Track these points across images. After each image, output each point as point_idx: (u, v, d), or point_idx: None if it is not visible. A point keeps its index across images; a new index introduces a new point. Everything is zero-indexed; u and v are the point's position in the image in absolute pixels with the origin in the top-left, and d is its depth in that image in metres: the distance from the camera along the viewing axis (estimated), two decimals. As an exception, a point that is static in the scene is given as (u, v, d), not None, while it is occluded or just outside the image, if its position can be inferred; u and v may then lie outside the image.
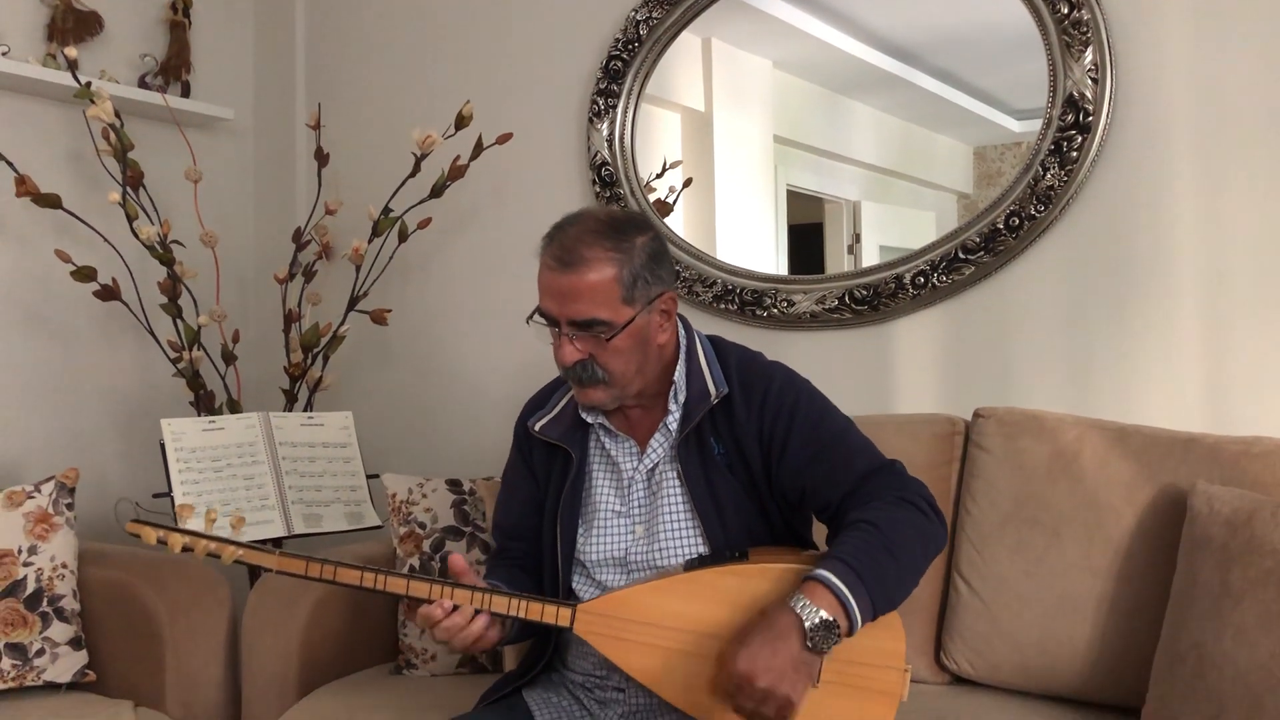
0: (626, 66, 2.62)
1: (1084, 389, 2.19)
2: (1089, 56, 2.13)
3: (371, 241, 2.76)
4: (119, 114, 2.57)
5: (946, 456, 2.08)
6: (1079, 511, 1.89)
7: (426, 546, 2.22)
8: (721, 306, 2.52)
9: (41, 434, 2.73)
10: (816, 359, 2.31)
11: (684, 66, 2.63)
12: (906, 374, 2.38)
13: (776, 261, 2.59)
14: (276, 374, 2.94)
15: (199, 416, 2.67)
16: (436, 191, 2.70)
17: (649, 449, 1.68)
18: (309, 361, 2.80)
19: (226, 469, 2.38)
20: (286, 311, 2.84)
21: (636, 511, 1.68)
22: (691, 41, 2.61)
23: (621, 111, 2.64)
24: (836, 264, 2.53)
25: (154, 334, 2.71)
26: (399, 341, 3.00)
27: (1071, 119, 2.14)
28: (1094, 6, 2.13)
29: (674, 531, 1.64)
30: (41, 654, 2.13)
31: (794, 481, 1.62)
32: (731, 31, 2.58)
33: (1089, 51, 2.13)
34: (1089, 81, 2.13)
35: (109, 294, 2.61)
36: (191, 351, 2.70)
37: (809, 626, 1.40)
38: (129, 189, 2.60)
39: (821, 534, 1.72)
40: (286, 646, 2.17)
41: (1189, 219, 2.10)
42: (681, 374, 1.68)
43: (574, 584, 1.69)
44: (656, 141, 2.66)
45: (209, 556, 1.54)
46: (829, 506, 1.61)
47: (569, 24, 2.74)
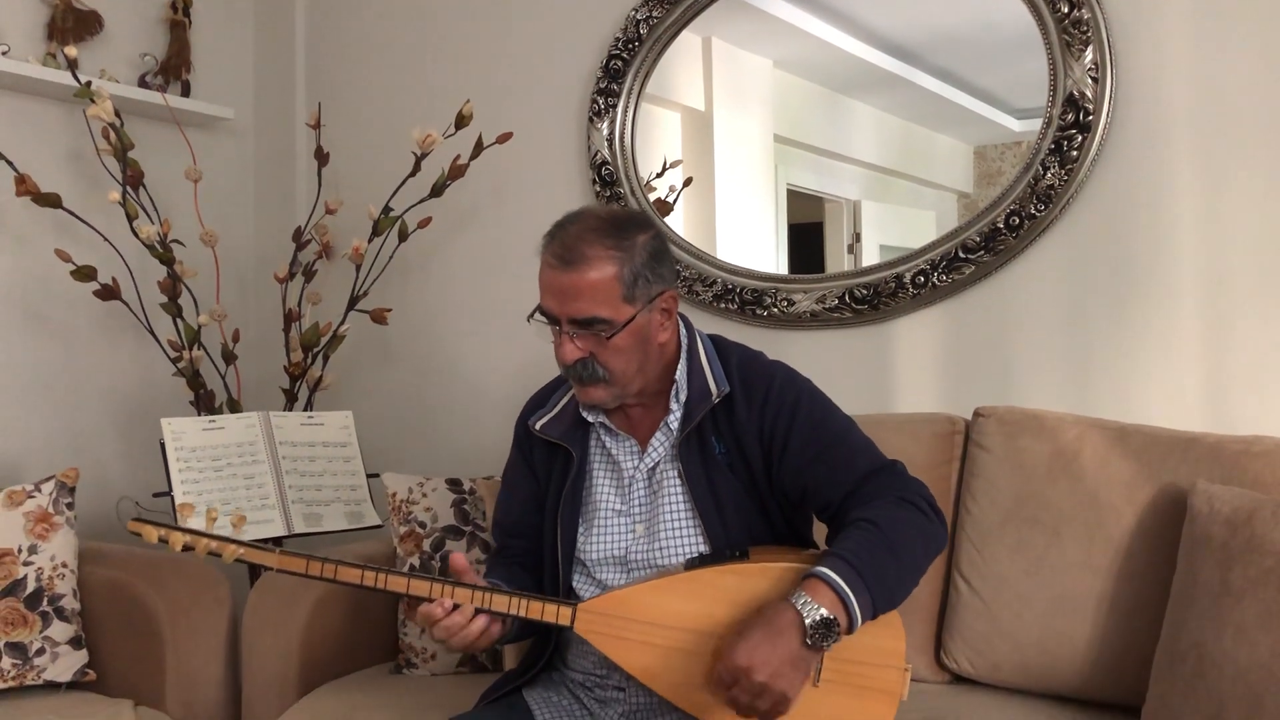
0: (627, 66, 2.62)
1: (1084, 388, 2.19)
2: (1089, 56, 2.13)
3: (371, 241, 2.76)
4: (119, 113, 2.57)
5: (947, 456, 2.08)
6: (1079, 511, 1.89)
7: (427, 546, 2.22)
8: (721, 306, 2.52)
9: (41, 433, 2.73)
10: (816, 358, 2.31)
11: (684, 66, 2.63)
12: (907, 373, 2.38)
13: (776, 261, 2.59)
14: (277, 373, 2.94)
15: (199, 416, 2.67)
16: (437, 191, 2.70)
17: (650, 448, 1.68)
18: (309, 361, 2.80)
19: (227, 468, 2.38)
20: (287, 311, 2.84)
21: (637, 510, 1.68)
22: (692, 41, 2.61)
23: (622, 111, 2.64)
24: (837, 263, 2.53)
25: (154, 333, 2.71)
26: (399, 341, 3.00)
27: (1072, 118, 2.14)
28: (1094, 6, 2.13)
29: (674, 530, 1.64)
30: (42, 653, 2.13)
31: (795, 481, 1.62)
32: (732, 31, 2.58)
33: (1089, 51, 2.13)
34: (1089, 81, 2.13)
35: (109, 293, 2.61)
36: (191, 351, 2.70)
37: (809, 624, 1.40)
38: (129, 188, 2.60)
39: (822, 533, 1.73)
40: (287, 646, 2.17)
41: (1189, 218, 2.10)
42: (683, 373, 1.68)
43: (574, 583, 1.69)
44: (657, 141, 2.66)
45: (210, 555, 1.54)
46: (830, 506, 1.61)
47: (569, 23, 2.74)
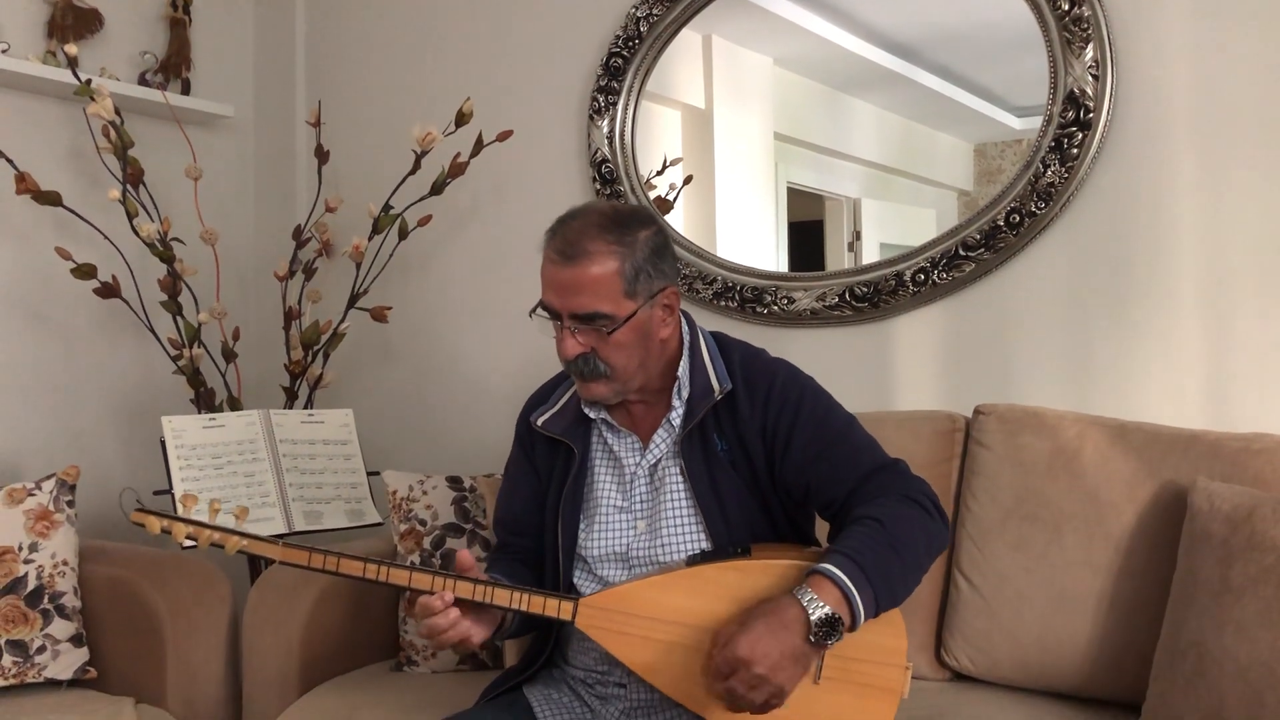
0: (627, 63, 2.62)
1: (1084, 385, 2.19)
2: (1090, 53, 2.13)
3: (372, 239, 2.76)
4: (119, 111, 2.56)
5: (947, 453, 2.08)
6: (1079, 508, 1.90)
7: (427, 544, 2.22)
8: (722, 304, 2.52)
9: (42, 431, 2.73)
10: (817, 356, 2.31)
11: (684, 63, 2.63)
12: (907, 371, 2.38)
13: (777, 259, 2.59)
14: (277, 371, 2.94)
15: (199, 414, 2.67)
16: (437, 189, 2.70)
17: (652, 444, 1.69)
18: (309, 359, 2.80)
19: (227, 466, 2.38)
20: (287, 309, 2.83)
21: (639, 507, 1.68)
22: (692, 38, 2.60)
23: (622, 108, 2.64)
24: (837, 261, 2.53)
25: (154, 331, 2.71)
26: (399, 339, 3.00)
27: (1072, 116, 2.14)
28: (1094, 3, 2.13)
29: (676, 527, 1.64)
30: (43, 651, 2.13)
31: (797, 478, 1.62)
32: (732, 28, 2.58)
33: (1090, 48, 2.13)
34: (1090, 78, 2.13)
35: (109, 291, 2.61)
36: (192, 349, 2.70)
37: (814, 620, 1.40)
38: (129, 186, 2.60)
39: (824, 531, 1.73)
40: (287, 643, 2.17)
41: (1189, 216, 2.10)
42: (685, 370, 1.68)
43: (575, 579, 1.69)
44: (657, 138, 2.66)
45: (212, 547, 1.54)
46: (832, 504, 1.61)
47: (569, 21, 2.74)
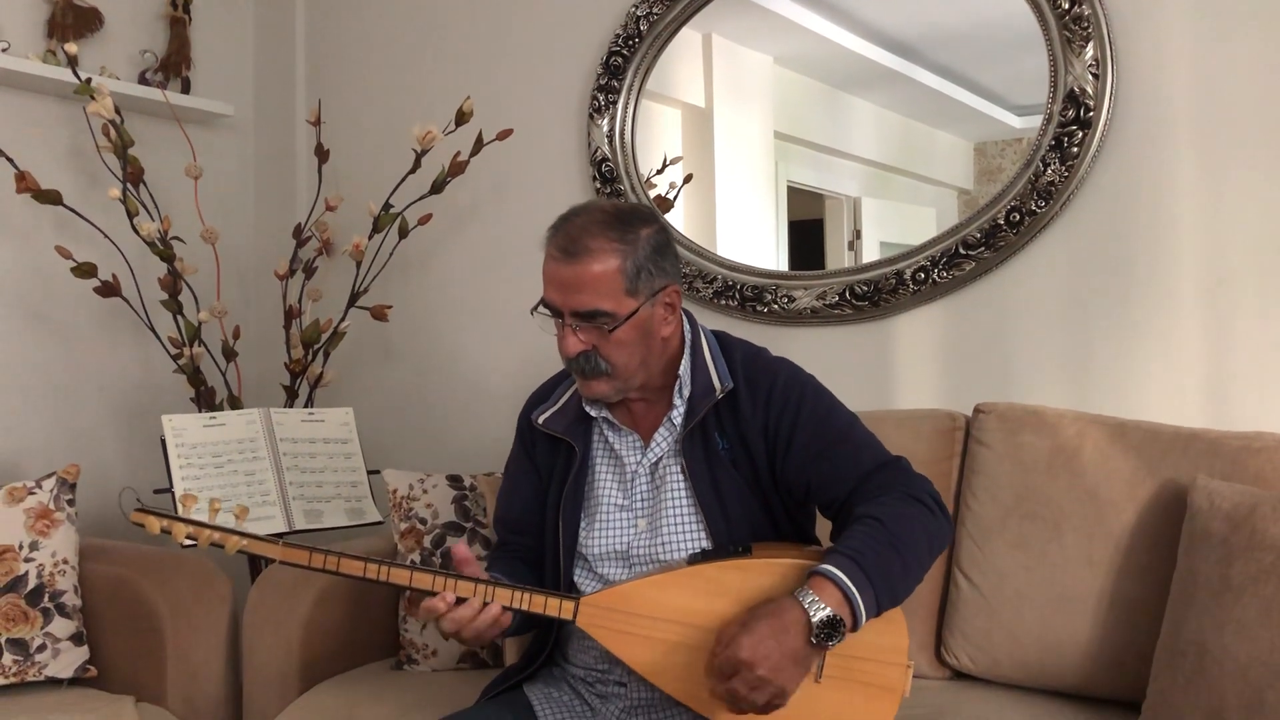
0: (627, 62, 2.62)
1: (1084, 384, 2.19)
2: (1090, 52, 2.13)
3: (372, 238, 2.76)
4: (119, 110, 2.56)
5: (947, 452, 2.08)
6: (1079, 506, 1.90)
7: (427, 542, 2.22)
8: (722, 302, 2.52)
9: (42, 430, 2.73)
10: (817, 355, 2.31)
11: (684, 62, 2.62)
12: (907, 370, 2.38)
13: (777, 257, 2.59)
14: (277, 370, 2.94)
15: (200, 412, 2.67)
16: (437, 188, 2.70)
17: (653, 443, 1.69)
18: (310, 358, 2.80)
19: (227, 465, 2.38)
20: (287, 308, 2.83)
21: (639, 505, 1.68)
22: (692, 37, 2.60)
23: (622, 107, 2.64)
24: (837, 260, 2.53)
25: (154, 330, 2.71)
26: (400, 337, 3.00)
27: (1072, 114, 2.14)
28: (1094, 2, 2.13)
29: (677, 526, 1.64)
30: (43, 649, 2.13)
31: (799, 477, 1.62)
32: (732, 27, 2.58)
33: (1090, 47, 2.13)
34: (1090, 77, 2.13)
35: (109, 290, 2.61)
36: (192, 348, 2.70)
37: (815, 622, 1.40)
38: (129, 185, 2.60)
39: (825, 529, 1.73)
40: (287, 642, 2.17)
41: (1190, 214, 2.10)
42: (686, 368, 1.67)
43: (576, 577, 1.70)
44: (657, 137, 2.66)
45: (212, 546, 1.53)
46: (834, 502, 1.61)
47: (569, 20, 2.74)
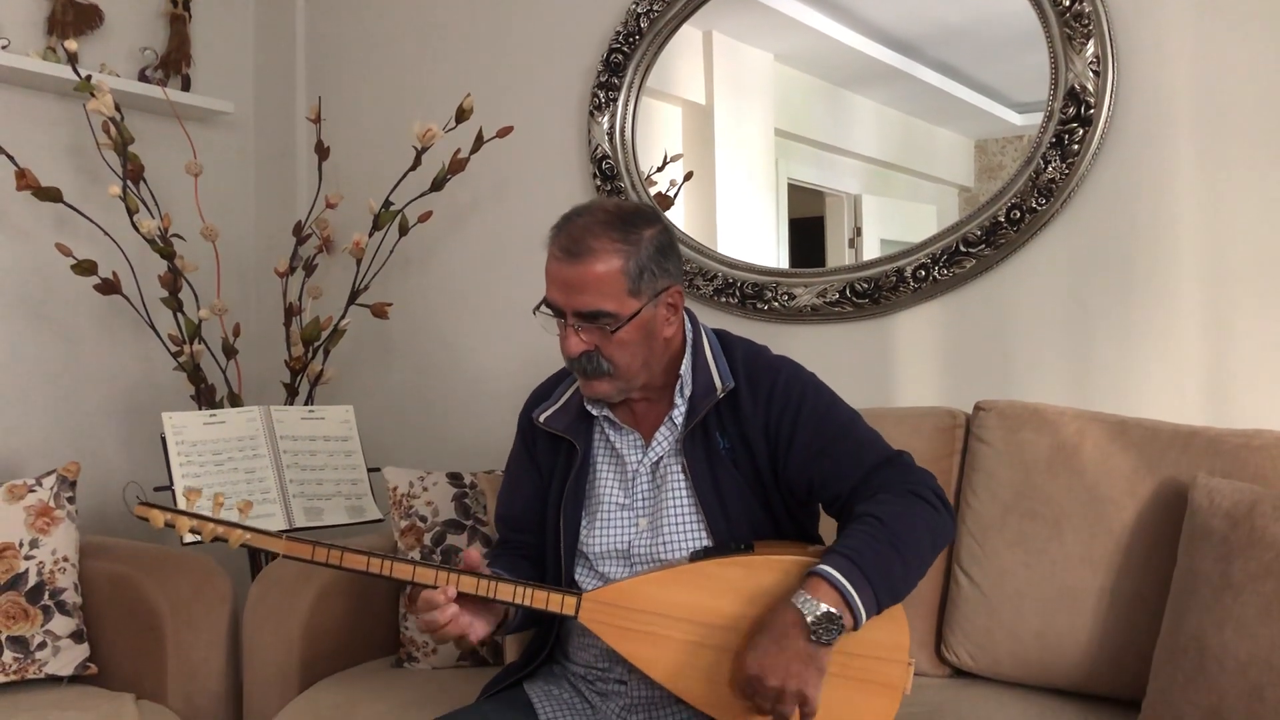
0: (627, 59, 2.62)
1: (1085, 382, 2.19)
2: (1090, 49, 2.13)
3: (372, 235, 2.76)
4: (119, 107, 2.56)
5: (947, 449, 2.08)
6: (1079, 504, 1.90)
7: (428, 540, 2.22)
8: (722, 300, 2.52)
9: (43, 428, 2.73)
10: (817, 352, 2.31)
11: (685, 59, 2.62)
12: (907, 367, 2.38)
13: (777, 255, 2.59)
14: (277, 368, 2.94)
15: (200, 410, 2.67)
16: (437, 185, 2.70)
17: (654, 442, 1.69)
18: (310, 355, 2.80)
19: (228, 462, 2.38)
20: (287, 305, 2.83)
21: (640, 504, 1.68)
22: (692, 34, 2.60)
23: (622, 105, 2.63)
24: (837, 257, 2.53)
25: (155, 328, 2.71)
26: (400, 335, 3.00)
27: (1073, 112, 2.14)
28: (1095, 0, 2.13)
29: (677, 525, 1.64)
30: (43, 647, 2.13)
31: (801, 475, 1.62)
32: (732, 24, 2.58)
33: (1090, 44, 2.13)
34: (1090, 74, 2.13)
35: (110, 288, 2.61)
36: (192, 345, 2.70)
37: (811, 621, 1.40)
38: (129, 182, 2.60)
39: (826, 528, 1.73)
40: (288, 639, 2.17)
41: (1190, 212, 2.10)
42: (687, 368, 1.68)
43: (577, 575, 1.70)
44: (657, 135, 2.66)
45: (216, 541, 1.54)
46: (837, 499, 1.61)
47: (570, 17, 2.74)
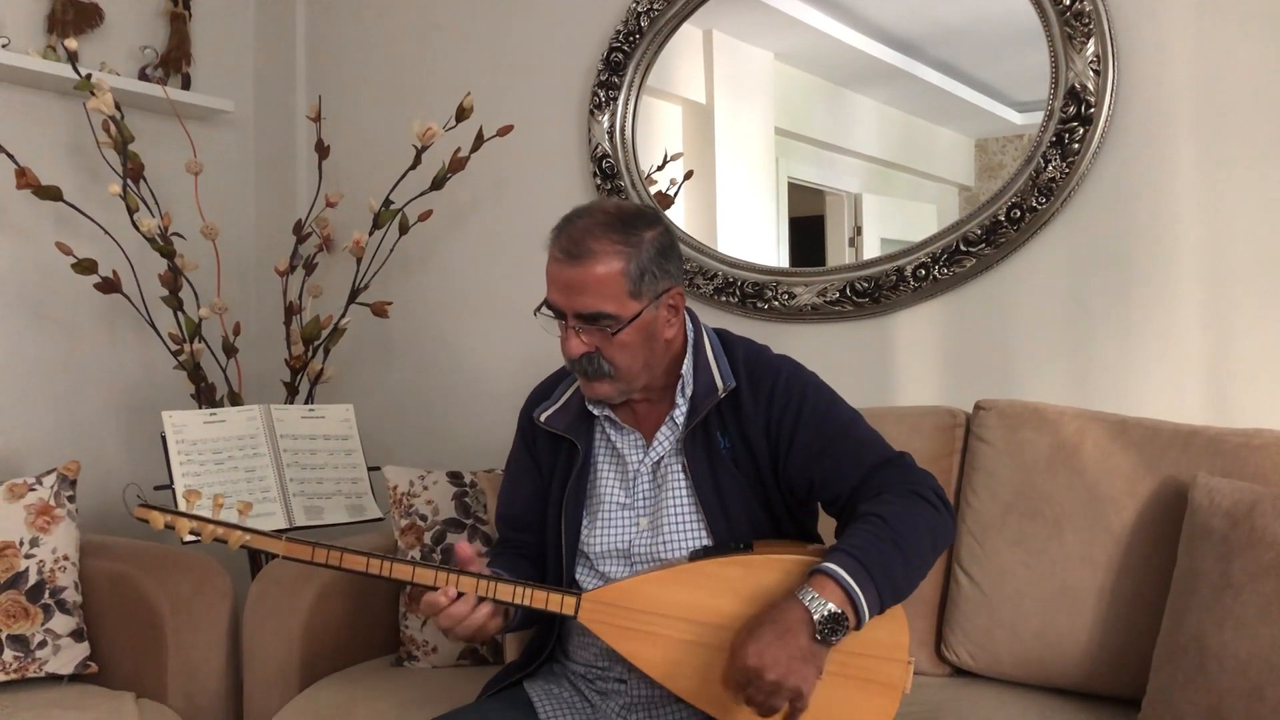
0: (627, 58, 2.62)
1: (1085, 381, 2.19)
2: (1091, 48, 2.13)
3: (372, 234, 2.76)
4: (119, 106, 2.56)
5: (947, 449, 2.08)
6: (1080, 503, 1.90)
7: (428, 539, 2.22)
8: (722, 299, 2.52)
9: (43, 426, 2.73)
10: (818, 351, 2.31)
11: (685, 58, 2.62)
12: (907, 366, 2.38)
13: (778, 254, 2.59)
14: (277, 366, 2.94)
15: (200, 409, 2.67)
16: (437, 184, 2.70)
17: (655, 442, 1.69)
18: (310, 354, 2.80)
19: (228, 461, 2.38)
20: (287, 304, 2.84)
21: (641, 504, 1.68)
22: (692, 33, 2.60)
23: (622, 103, 2.63)
24: (838, 256, 2.53)
25: (155, 326, 2.71)
26: (400, 334, 3.00)
27: (1073, 111, 2.14)
28: (1096, -2, 2.13)
29: (678, 524, 1.64)
30: (44, 646, 2.13)
31: (802, 474, 1.62)
32: (733, 23, 2.58)
33: (1091, 43, 2.13)
34: (1091, 73, 2.13)
35: (110, 286, 2.61)
36: (192, 344, 2.70)
37: (818, 619, 1.40)
38: (129, 181, 2.60)
39: (825, 526, 1.73)
40: (288, 638, 2.17)
41: (1190, 211, 2.10)
42: (689, 368, 1.67)
43: (577, 574, 1.70)
44: (657, 134, 2.66)
45: (215, 542, 1.54)
46: (838, 499, 1.61)
47: (570, 16, 2.74)
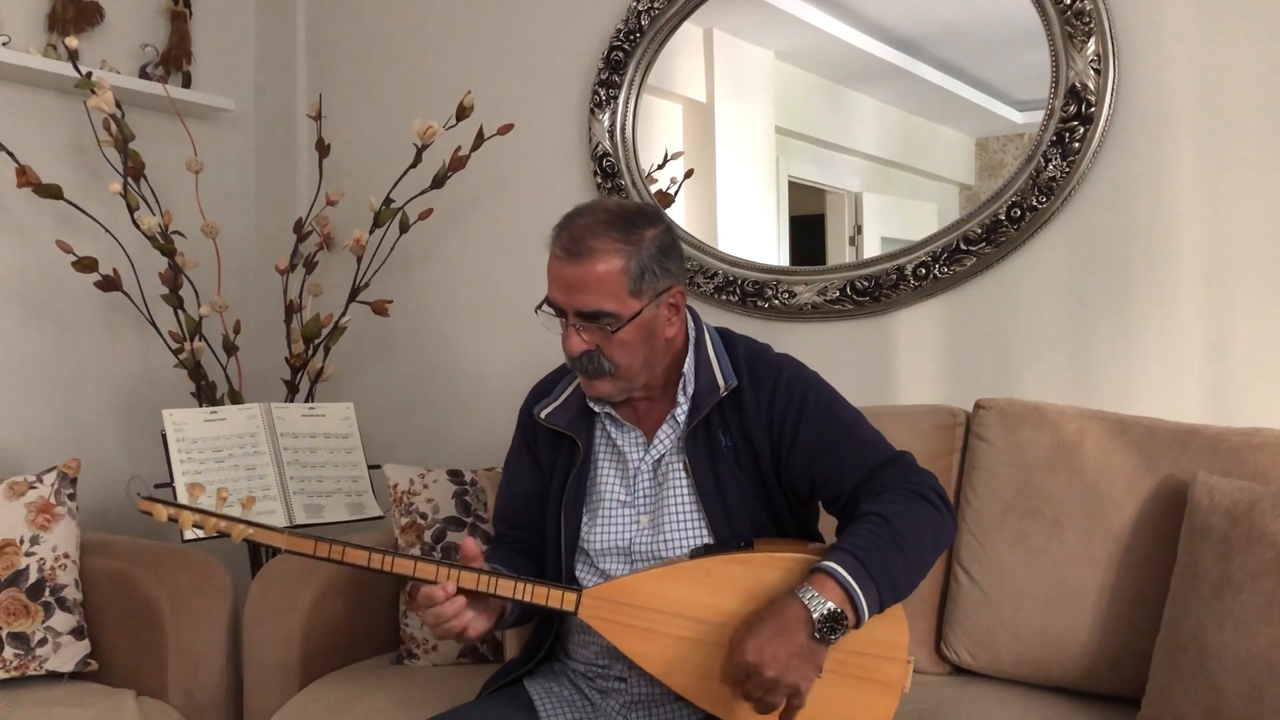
0: (628, 57, 2.61)
1: (1085, 380, 2.19)
2: (1091, 47, 2.13)
3: (373, 232, 2.76)
4: (120, 104, 2.56)
5: (947, 448, 2.08)
6: (1079, 502, 1.90)
7: (428, 537, 2.22)
8: (723, 298, 2.52)
9: (43, 424, 2.73)
10: (818, 350, 2.31)
11: (685, 57, 2.62)
12: (908, 365, 2.38)
13: (778, 253, 2.59)
14: (278, 365, 2.94)
15: (200, 407, 2.67)
16: (438, 182, 2.70)
17: (656, 440, 1.69)
18: (310, 352, 2.80)
19: (228, 459, 2.38)
20: (288, 302, 2.84)
21: (641, 502, 1.68)
22: (693, 32, 2.60)
23: (623, 102, 2.63)
24: (838, 255, 2.53)
25: (155, 325, 2.71)
26: (400, 332, 3.00)
27: (1074, 110, 2.14)
28: (1097, -3, 2.13)
29: (679, 523, 1.64)
30: (44, 643, 2.13)
31: (803, 474, 1.62)
32: (733, 22, 2.58)
33: (1091, 42, 2.13)
34: (1091, 72, 2.13)
35: (110, 285, 2.61)
36: (193, 342, 2.70)
37: (817, 618, 1.40)
38: (130, 179, 2.60)
39: (825, 525, 1.73)
40: (288, 636, 2.17)
41: (1191, 210, 2.10)
42: (690, 366, 1.68)
43: (577, 572, 1.70)
44: (658, 132, 2.66)
45: (219, 535, 1.54)
46: (839, 498, 1.61)
47: (570, 14, 2.74)
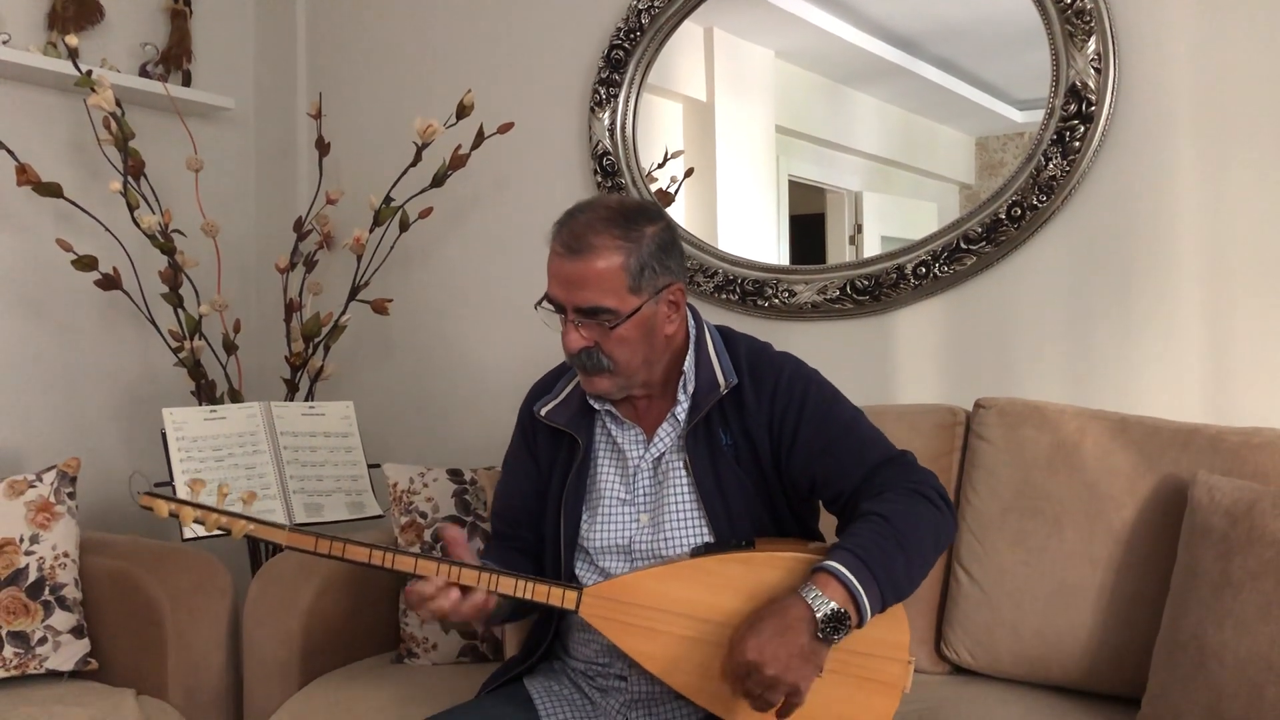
0: (628, 56, 2.61)
1: (1085, 379, 2.19)
2: (1092, 46, 2.13)
3: (373, 231, 2.75)
4: (120, 103, 2.56)
5: (948, 447, 2.08)
6: (1080, 502, 1.90)
7: (428, 536, 2.22)
8: (723, 297, 2.52)
9: (43, 423, 2.73)
10: (818, 349, 2.29)
11: (686, 56, 2.62)
12: (908, 364, 2.38)
13: (778, 252, 2.59)
14: (278, 364, 2.94)
15: (200, 406, 2.67)
16: (438, 181, 2.70)
17: (656, 438, 1.69)
18: (310, 351, 2.80)
19: (228, 458, 2.38)
20: (288, 301, 2.84)
21: (642, 500, 1.68)
22: (693, 31, 2.60)
23: (623, 101, 2.63)
24: (838, 254, 2.53)
25: (155, 323, 2.71)
26: (400, 331, 3.00)
27: (1074, 109, 2.14)
28: (1097, -4, 2.13)
29: (679, 521, 1.64)
30: (44, 642, 2.13)
31: (804, 472, 1.62)
32: (733, 21, 2.58)
33: (1092, 41, 2.12)
34: (1092, 71, 2.13)
35: (110, 283, 2.61)
36: (193, 341, 2.70)
37: (820, 617, 1.40)
38: (130, 178, 2.60)
39: (825, 524, 1.73)
40: (288, 635, 2.17)
41: (1191, 209, 2.10)
42: (690, 364, 1.67)
43: (577, 570, 1.70)
44: (658, 131, 2.66)
45: (219, 531, 1.54)
46: (840, 497, 1.61)
47: (571, 13, 2.74)
